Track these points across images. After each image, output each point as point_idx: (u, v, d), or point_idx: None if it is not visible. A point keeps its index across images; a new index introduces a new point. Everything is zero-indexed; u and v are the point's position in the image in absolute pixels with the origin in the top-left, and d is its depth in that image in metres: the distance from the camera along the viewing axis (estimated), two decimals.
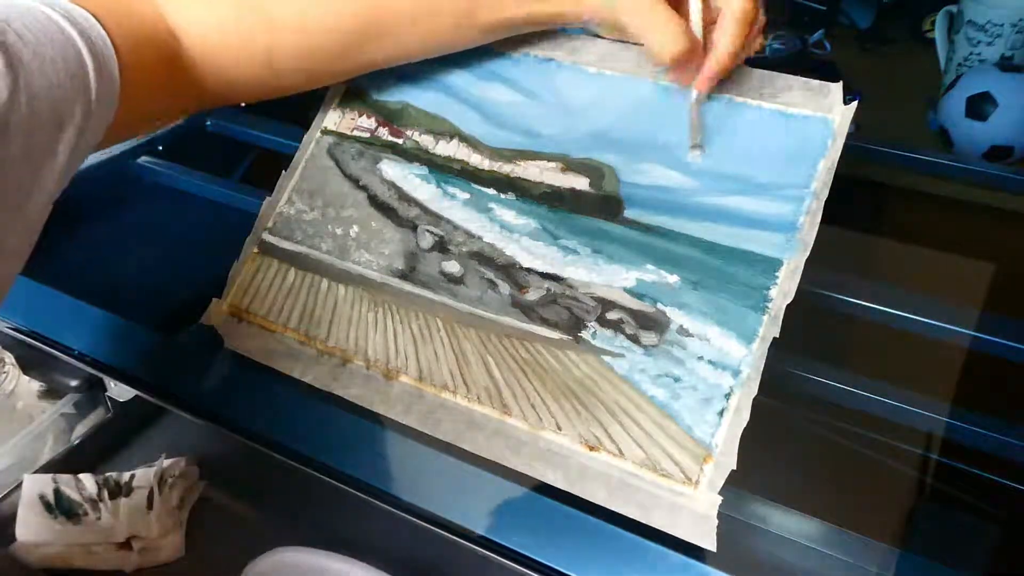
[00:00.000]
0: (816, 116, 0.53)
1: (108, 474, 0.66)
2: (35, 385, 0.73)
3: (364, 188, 0.61)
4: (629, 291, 0.52)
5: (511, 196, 0.57)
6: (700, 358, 0.48)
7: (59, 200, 0.42)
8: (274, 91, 0.58)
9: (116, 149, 0.80)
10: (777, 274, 0.49)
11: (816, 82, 0.53)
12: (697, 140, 0.55)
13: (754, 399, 0.46)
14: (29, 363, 0.70)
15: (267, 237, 0.61)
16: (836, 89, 0.53)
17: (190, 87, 0.54)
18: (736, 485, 0.45)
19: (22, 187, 0.40)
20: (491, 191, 0.58)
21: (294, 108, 0.72)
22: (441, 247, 0.57)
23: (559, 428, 0.49)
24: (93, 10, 0.46)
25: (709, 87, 0.54)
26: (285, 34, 0.54)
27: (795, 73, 0.54)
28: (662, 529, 0.45)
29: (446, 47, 0.59)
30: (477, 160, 0.59)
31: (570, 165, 0.57)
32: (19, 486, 0.64)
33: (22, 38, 0.40)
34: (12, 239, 0.41)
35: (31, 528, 0.62)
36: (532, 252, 0.55)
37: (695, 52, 0.52)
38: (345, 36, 0.55)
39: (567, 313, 0.52)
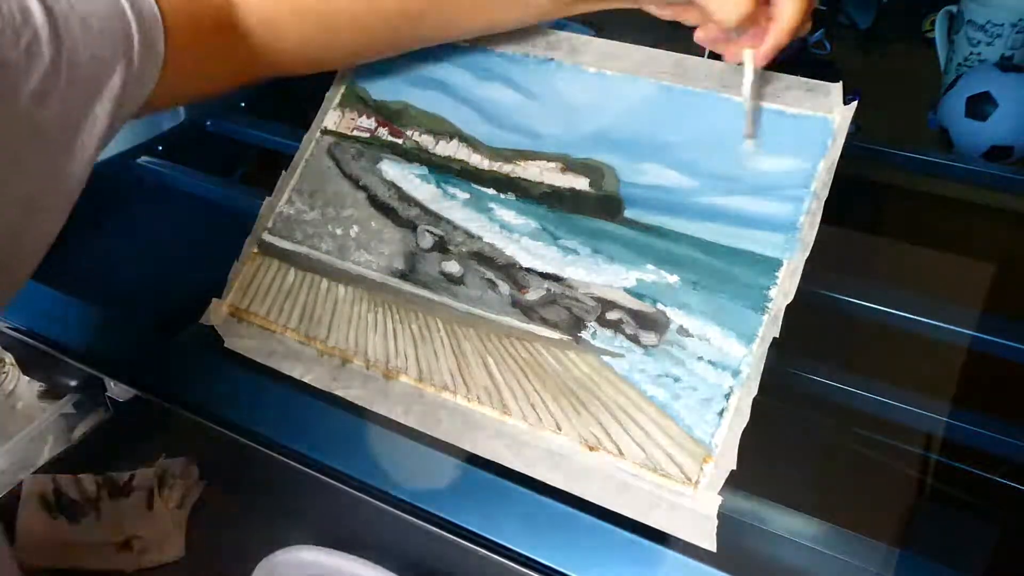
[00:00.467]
0: (816, 116, 0.53)
1: (108, 474, 0.66)
2: (35, 385, 0.73)
3: (364, 188, 0.61)
4: (629, 291, 0.52)
5: (511, 196, 0.57)
6: (700, 358, 0.48)
7: None
8: (329, 62, 0.58)
9: (116, 149, 0.80)
10: (777, 274, 0.49)
11: (816, 82, 0.53)
12: (752, 130, 0.53)
13: (754, 399, 0.46)
14: (29, 363, 0.70)
15: (267, 237, 0.61)
16: (836, 89, 0.53)
17: (244, 56, 0.53)
18: (736, 485, 0.45)
19: (60, 150, 0.42)
20: (491, 191, 0.58)
21: (294, 108, 0.72)
22: (441, 247, 0.57)
23: (559, 428, 0.49)
24: None
25: (767, 61, 0.51)
26: (342, 5, 0.54)
27: (795, 73, 0.54)
28: (662, 529, 0.45)
29: (501, 25, 0.58)
30: (477, 160, 0.59)
31: (570, 165, 0.57)
32: (19, 486, 0.64)
33: (73, 6, 0.42)
34: (50, 198, 0.43)
35: (31, 528, 0.62)
36: (532, 252, 0.55)
37: (757, 17, 0.49)
38: (402, 10, 0.55)
39: (567, 313, 0.52)
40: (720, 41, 0.54)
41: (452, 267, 0.56)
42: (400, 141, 0.62)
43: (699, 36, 0.54)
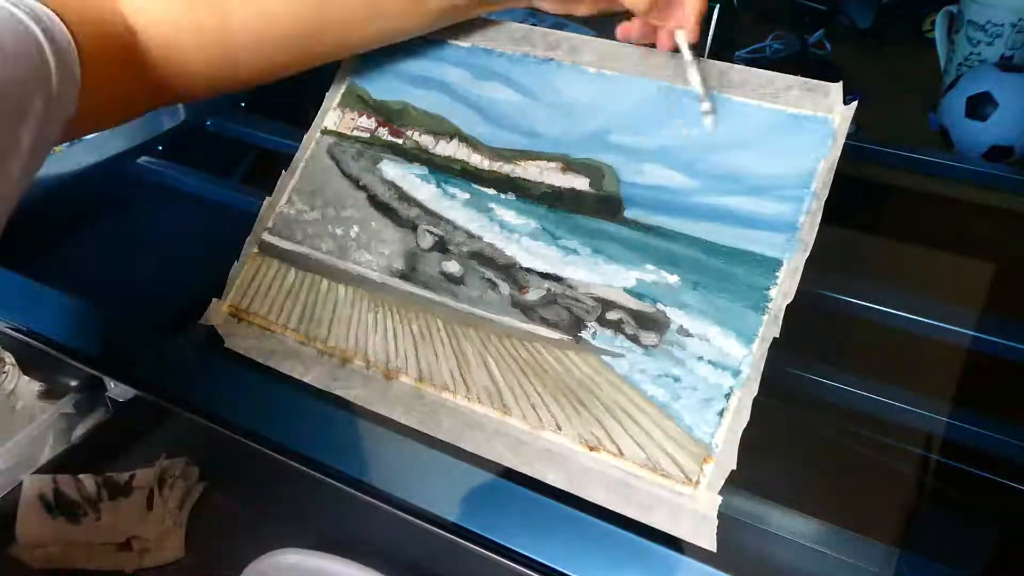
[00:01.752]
0: (816, 116, 0.53)
1: (108, 474, 0.66)
2: (35, 385, 0.73)
3: (364, 188, 0.61)
4: (629, 291, 0.52)
5: (511, 196, 0.57)
6: (700, 358, 0.48)
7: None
8: (232, 83, 0.59)
9: (116, 149, 0.80)
10: (777, 274, 0.49)
11: (816, 82, 0.53)
12: (708, 103, 0.54)
13: (754, 399, 0.46)
14: (29, 363, 0.70)
15: (267, 237, 0.61)
16: (836, 89, 0.53)
17: (149, 82, 0.55)
18: (736, 485, 0.45)
19: None
20: (491, 191, 0.58)
21: (294, 108, 0.72)
22: (441, 247, 0.57)
23: (559, 428, 0.49)
24: (55, 7, 0.47)
25: (696, 31, 0.54)
26: (241, 24, 0.56)
27: (795, 73, 0.54)
28: (662, 529, 0.45)
29: (397, 34, 0.61)
30: (477, 160, 0.59)
31: (570, 165, 0.57)
32: (19, 486, 0.64)
33: None
34: None
35: (31, 528, 0.62)
36: (532, 252, 0.55)
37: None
38: (301, 24, 0.57)
39: (567, 313, 0.52)
40: (646, 34, 0.56)
41: (452, 267, 0.56)
42: (400, 141, 0.62)
43: (622, 33, 0.57)
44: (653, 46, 0.57)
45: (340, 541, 0.57)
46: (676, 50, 0.55)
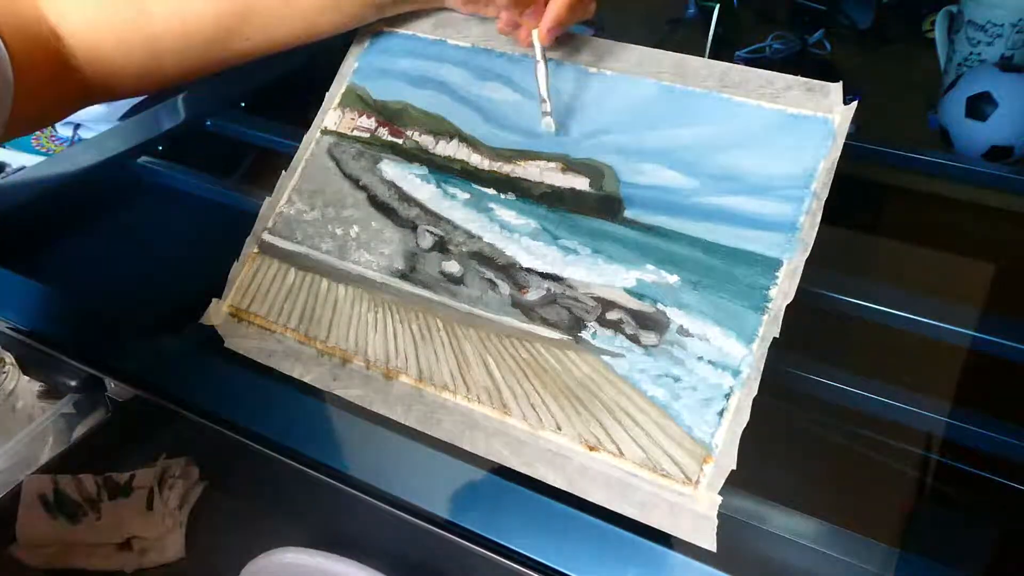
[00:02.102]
0: (816, 116, 0.53)
1: (108, 474, 0.66)
2: (35, 385, 0.73)
3: (364, 188, 0.61)
4: (629, 291, 0.52)
5: (511, 196, 0.57)
6: (700, 358, 0.48)
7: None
8: (161, 81, 0.60)
9: (116, 149, 0.80)
10: (777, 274, 0.49)
11: (816, 82, 0.54)
12: (548, 104, 0.56)
13: (754, 399, 0.46)
14: (29, 363, 0.70)
15: (267, 237, 0.61)
16: (836, 89, 0.53)
17: (79, 82, 0.56)
18: (736, 485, 0.45)
19: None
20: (491, 191, 0.58)
21: (294, 108, 0.72)
22: (441, 247, 0.57)
23: (559, 428, 0.49)
24: None
25: (551, 37, 0.56)
26: (163, 24, 0.57)
27: (795, 73, 0.54)
28: (662, 529, 0.45)
29: (323, 30, 0.62)
30: (477, 160, 0.59)
31: (570, 165, 0.57)
32: (19, 486, 0.64)
33: None
34: None
35: (31, 528, 0.62)
36: (532, 252, 0.55)
37: None
38: (222, 21, 0.58)
39: (567, 313, 0.52)
40: (513, 26, 0.59)
41: (452, 267, 0.56)
42: (400, 141, 0.62)
43: (499, 26, 0.60)
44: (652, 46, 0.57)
45: (340, 541, 0.57)
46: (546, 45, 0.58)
